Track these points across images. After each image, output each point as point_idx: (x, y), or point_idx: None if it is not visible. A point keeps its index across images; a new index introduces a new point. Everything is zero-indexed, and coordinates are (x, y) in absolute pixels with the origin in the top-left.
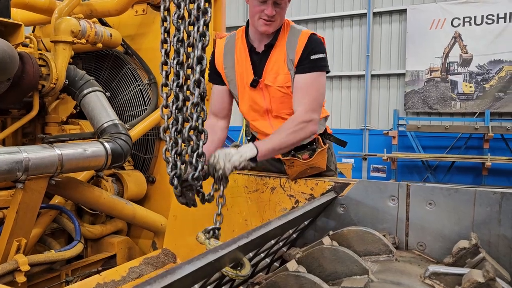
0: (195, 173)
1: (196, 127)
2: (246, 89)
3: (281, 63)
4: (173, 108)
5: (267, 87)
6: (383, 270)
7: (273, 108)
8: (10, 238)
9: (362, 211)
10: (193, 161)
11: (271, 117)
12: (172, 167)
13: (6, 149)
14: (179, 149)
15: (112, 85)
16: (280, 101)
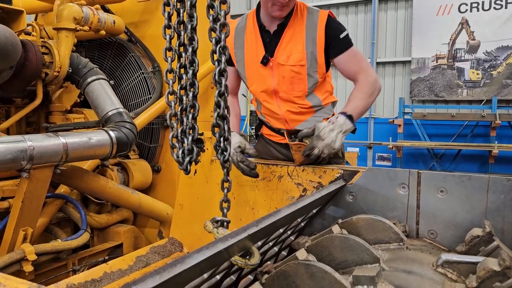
0: (225, 156)
1: (223, 115)
2: (255, 68)
3: (296, 42)
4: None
5: (279, 66)
6: (394, 259)
7: (282, 89)
8: (16, 227)
9: (372, 199)
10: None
11: (278, 99)
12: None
13: (11, 138)
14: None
15: (116, 73)
16: (290, 82)
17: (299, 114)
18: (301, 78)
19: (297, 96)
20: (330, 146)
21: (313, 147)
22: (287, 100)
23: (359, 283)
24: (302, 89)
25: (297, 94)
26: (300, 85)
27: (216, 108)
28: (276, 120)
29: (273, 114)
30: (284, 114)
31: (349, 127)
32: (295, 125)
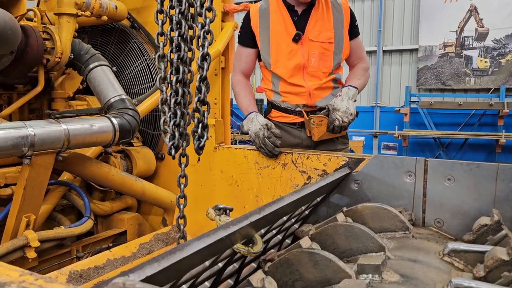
0: (201, 142)
1: (203, 100)
2: (284, 45)
3: (325, 22)
4: (174, 80)
5: (309, 42)
6: (400, 247)
7: (310, 65)
8: (19, 214)
9: (377, 187)
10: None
11: (305, 74)
12: (170, 137)
13: (12, 124)
14: (177, 120)
15: (118, 60)
16: (319, 58)
17: (321, 89)
18: (328, 55)
19: (323, 71)
20: (346, 112)
21: (334, 119)
22: (314, 75)
23: (364, 271)
24: (327, 66)
25: (323, 69)
26: (327, 62)
27: (197, 93)
28: (297, 96)
29: (297, 89)
30: (309, 87)
31: (353, 92)
32: (316, 101)
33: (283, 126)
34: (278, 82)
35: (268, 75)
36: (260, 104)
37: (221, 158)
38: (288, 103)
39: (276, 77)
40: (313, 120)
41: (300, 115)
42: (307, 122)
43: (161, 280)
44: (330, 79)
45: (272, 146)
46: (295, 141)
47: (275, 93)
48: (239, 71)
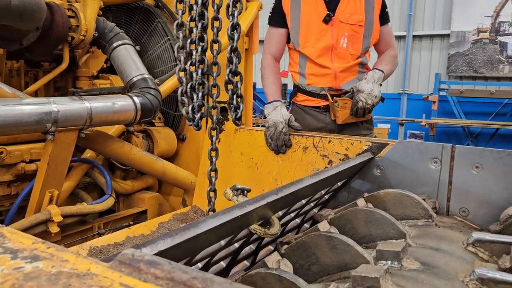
0: (238, 113)
1: (235, 71)
2: (314, 25)
3: (356, 4)
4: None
5: (340, 24)
6: (422, 235)
7: (339, 46)
8: (42, 189)
9: (401, 173)
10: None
11: (333, 55)
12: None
13: (36, 100)
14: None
15: (142, 39)
16: (348, 40)
17: (347, 72)
18: (358, 38)
19: (351, 54)
20: (370, 94)
21: (357, 101)
22: (341, 57)
23: (383, 258)
24: (356, 49)
25: (352, 52)
26: (356, 44)
27: (229, 64)
28: (323, 78)
29: (323, 70)
30: (336, 69)
31: (379, 75)
32: (341, 83)
33: (308, 110)
34: (305, 63)
35: (295, 56)
36: (284, 89)
37: (242, 140)
38: (314, 86)
39: (303, 58)
40: (337, 103)
41: (325, 99)
42: (331, 105)
43: (174, 255)
44: (357, 63)
45: (282, 143)
46: (319, 125)
47: (301, 76)
48: (270, 53)
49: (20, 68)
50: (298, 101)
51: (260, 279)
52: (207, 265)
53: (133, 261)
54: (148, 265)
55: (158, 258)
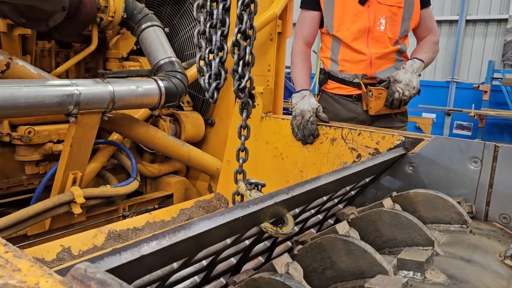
0: (241, 83)
1: (245, 31)
2: (349, 7)
3: None
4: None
5: (377, 5)
6: (453, 243)
7: (375, 29)
8: (66, 170)
9: (435, 172)
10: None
11: (370, 39)
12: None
13: (59, 82)
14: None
15: (173, 21)
16: (386, 22)
17: (384, 59)
18: (396, 20)
19: (389, 37)
20: (408, 85)
21: (394, 92)
22: (379, 41)
23: (405, 267)
24: (394, 32)
25: (390, 35)
26: (394, 27)
27: (238, 23)
28: (357, 65)
29: (357, 56)
30: (371, 55)
31: (418, 65)
32: (376, 71)
33: (338, 99)
34: (338, 48)
35: (328, 41)
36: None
37: (267, 128)
38: (346, 73)
39: (336, 43)
40: (371, 92)
41: (358, 87)
42: (364, 94)
43: (149, 263)
44: (394, 50)
45: (309, 133)
46: (349, 115)
47: (332, 62)
48: (301, 37)
49: (51, 49)
50: (328, 89)
51: (264, 284)
52: (213, 262)
53: (85, 278)
54: (99, 285)
55: (110, 278)
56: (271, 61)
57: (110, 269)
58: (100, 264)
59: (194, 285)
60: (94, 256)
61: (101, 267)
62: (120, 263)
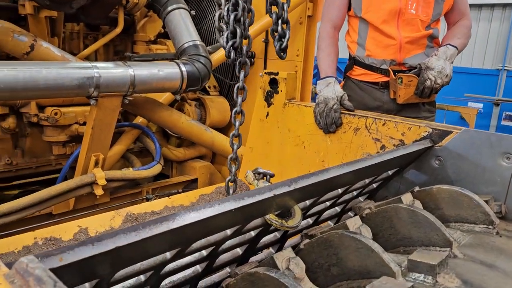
0: (282, 43)
1: None
2: None
3: None
4: None
5: None
6: (475, 245)
7: (407, 10)
8: (88, 152)
9: (463, 167)
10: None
11: (400, 20)
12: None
13: (79, 64)
14: (239, 14)
15: (202, 4)
16: (419, 3)
17: (414, 43)
18: (429, 2)
19: (421, 19)
20: (441, 73)
21: (425, 79)
22: (410, 23)
23: (415, 269)
24: (427, 13)
25: (422, 17)
26: (427, 9)
27: None
28: (385, 49)
29: (386, 40)
30: (402, 39)
31: (452, 52)
32: (406, 57)
33: (364, 86)
34: (366, 31)
35: (355, 24)
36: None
37: (290, 115)
38: (373, 59)
39: (364, 26)
40: (401, 79)
41: (385, 74)
42: (392, 82)
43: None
44: (426, 34)
45: (332, 121)
46: (374, 104)
47: (359, 47)
48: (329, 20)
49: (79, 31)
50: (353, 75)
51: (258, 279)
52: (213, 253)
53: (26, 273)
54: (36, 282)
55: (47, 276)
56: (300, 45)
57: (77, 261)
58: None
59: (196, 274)
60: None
61: (64, 260)
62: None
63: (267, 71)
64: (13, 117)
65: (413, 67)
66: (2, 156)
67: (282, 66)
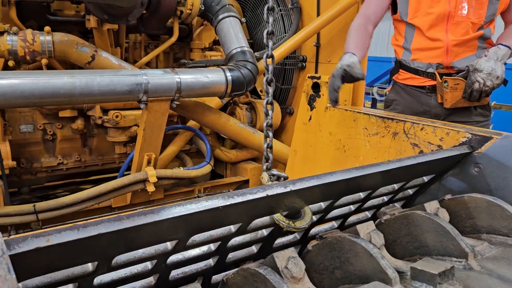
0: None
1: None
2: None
3: None
4: None
5: None
6: (499, 258)
7: (457, 13)
8: (141, 152)
9: (503, 176)
10: None
11: (450, 23)
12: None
13: (130, 72)
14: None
15: (257, 10)
16: (471, 5)
17: (463, 46)
18: (483, 3)
19: (473, 22)
20: (491, 75)
21: (473, 82)
22: (460, 25)
23: (417, 277)
24: (480, 16)
25: (474, 19)
26: (479, 10)
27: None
28: (432, 52)
29: (432, 43)
30: (449, 42)
31: (504, 52)
32: (453, 60)
33: (410, 90)
34: (412, 36)
35: (401, 28)
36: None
37: (331, 119)
38: (419, 62)
39: (410, 30)
40: (447, 83)
41: (432, 77)
42: (439, 85)
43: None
44: (476, 36)
45: (332, 88)
46: (422, 108)
47: (405, 50)
48: (364, 15)
49: (141, 41)
50: (399, 79)
51: (250, 275)
52: (222, 248)
53: None
54: None
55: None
56: None
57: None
58: (56, 238)
59: (208, 267)
60: (53, 230)
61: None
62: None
63: (310, 75)
64: (81, 119)
65: (461, 70)
66: (73, 154)
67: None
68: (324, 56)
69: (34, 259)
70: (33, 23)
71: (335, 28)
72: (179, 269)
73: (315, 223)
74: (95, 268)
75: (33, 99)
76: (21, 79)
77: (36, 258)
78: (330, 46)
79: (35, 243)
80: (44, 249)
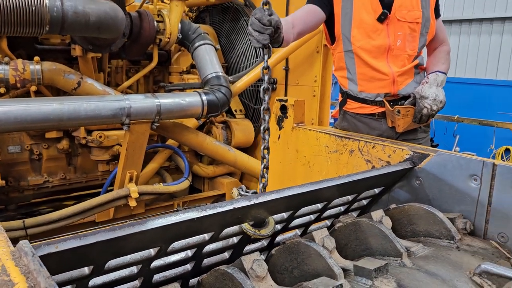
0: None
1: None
2: (367, 24)
3: (411, 0)
4: None
5: (396, 22)
6: (429, 257)
7: (396, 46)
8: (124, 170)
9: (438, 187)
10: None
11: (389, 56)
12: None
13: (114, 97)
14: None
15: (231, 37)
16: (406, 39)
17: (404, 75)
18: (415, 36)
19: (408, 54)
20: (436, 100)
21: (422, 108)
22: (398, 58)
23: (358, 273)
24: (413, 48)
25: (409, 52)
26: (412, 43)
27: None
28: (379, 83)
29: (378, 75)
30: (394, 73)
31: (442, 78)
32: (399, 88)
33: (361, 118)
34: (354, 66)
35: (340, 60)
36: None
37: (297, 138)
38: (367, 93)
39: (350, 60)
40: (398, 111)
41: (381, 105)
42: (390, 113)
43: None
44: (414, 65)
45: (260, 25)
46: (374, 133)
47: (350, 82)
48: (289, 18)
49: (123, 66)
50: (349, 109)
51: (220, 274)
52: (198, 254)
53: (24, 254)
54: (23, 254)
55: (30, 250)
56: (317, 72)
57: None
58: (63, 245)
59: (186, 271)
60: (61, 238)
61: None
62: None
63: (278, 98)
64: (67, 139)
65: (405, 96)
66: (58, 172)
67: (301, 91)
68: (292, 78)
69: (47, 263)
70: (21, 52)
71: (302, 54)
72: (161, 273)
73: (280, 231)
74: (91, 272)
75: (25, 124)
76: (14, 106)
77: (47, 262)
78: (298, 69)
79: (47, 249)
80: (54, 254)
